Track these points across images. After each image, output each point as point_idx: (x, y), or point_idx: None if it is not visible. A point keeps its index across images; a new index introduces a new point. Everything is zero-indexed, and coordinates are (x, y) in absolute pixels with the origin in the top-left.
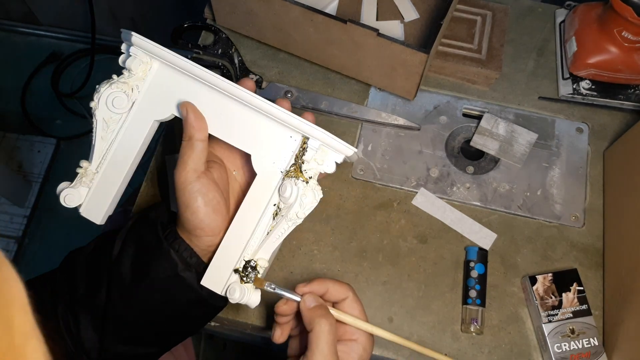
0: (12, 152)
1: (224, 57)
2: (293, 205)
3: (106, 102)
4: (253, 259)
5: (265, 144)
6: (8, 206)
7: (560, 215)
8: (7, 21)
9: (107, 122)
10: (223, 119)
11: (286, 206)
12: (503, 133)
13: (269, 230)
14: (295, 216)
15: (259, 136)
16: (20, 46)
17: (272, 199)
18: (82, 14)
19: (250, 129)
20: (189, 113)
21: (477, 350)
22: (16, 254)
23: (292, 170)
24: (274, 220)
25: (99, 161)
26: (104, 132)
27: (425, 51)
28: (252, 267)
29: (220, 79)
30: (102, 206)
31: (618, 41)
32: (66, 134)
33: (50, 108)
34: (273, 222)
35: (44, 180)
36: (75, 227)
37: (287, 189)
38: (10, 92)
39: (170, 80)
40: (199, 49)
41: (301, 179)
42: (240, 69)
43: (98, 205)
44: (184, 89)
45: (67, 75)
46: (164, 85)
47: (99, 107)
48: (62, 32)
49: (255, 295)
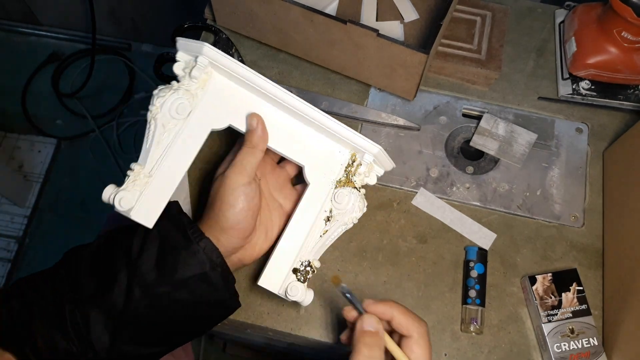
0: (13, 152)
1: None
2: (348, 211)
3: (169, 107)
4: (309, 260)
5: (317, 156)
6: (9, 206)
7: (559, 215)
8: (8, 21)
9: (165, 127)
10: (280, 131)
11: (341, 212)
12: (503, 133)
13: (321, 233)
14: (351, 220)
15: (311, 149)
16: (20, 46)
17: (324, 206)
18: (82, 14)
19: (304, 142)
20: (258, 124)
21: (477, 350)
22: (17, 253)
23: (343, 181)
24: (326, 225)
25: (153, 165)
26: (161, 137)
27: (425, 51)
28: (309, 267)
29: (284, 91)
30: (154, 210)
31: (617, 41)
32: (66, 134)
33: (50, 108)
34: (325, 227)
35: (44, 180)
36: (75, 227)
37: (344, 197)
38: (10, 92)
39: (230, 91)
40: None
41: (354, 188)
42: None
43: (150, 209)
44: (243, 101)
45: (67, 76)
46: (224, 95)
47: (160, 111)
48: (63, 32)
49: (310, 294)
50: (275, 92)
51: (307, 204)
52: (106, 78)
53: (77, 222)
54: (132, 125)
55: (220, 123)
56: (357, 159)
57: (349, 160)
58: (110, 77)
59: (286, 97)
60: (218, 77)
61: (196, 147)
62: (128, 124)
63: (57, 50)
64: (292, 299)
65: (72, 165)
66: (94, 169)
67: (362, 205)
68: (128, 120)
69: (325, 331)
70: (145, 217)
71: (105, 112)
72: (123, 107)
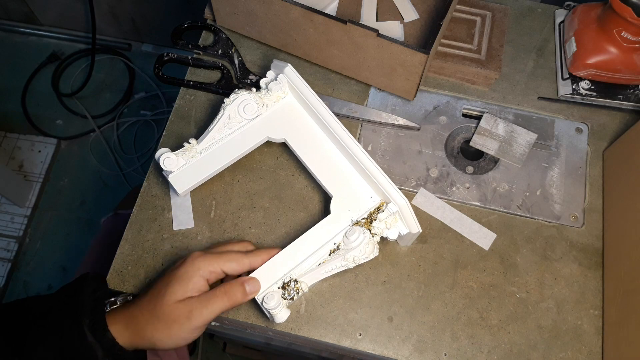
0: (13, 152)
1: (224, 57)
2: (353, 249)
3: (239, 104)
4: (298, 280)
5: (348, 192)
6: (9, 206)
7: (559, 215)
8: (8, 21)
9: (230, 119)
10: (324, 159)
11: (346, 248)
12: (502, 133)
13: (321, 262)
14: (352, 260)
15: (346, 184)
16: (20, 46)
17: (335, 238)
18: (82, 14)
19: (342, 175)
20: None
21: (476, 350)
22: (17, 253)
23: (363, 222)
24: (329, 256)
25: (207, 146)
26: (224, 126)
27: (425, 51)
28: (294, 286)
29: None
30: (189, 182)
31: (617, 41)
32: (66, 134)
33: (50, 108)
34: (328, 258)
35: (44, 180)
36: (75, 227)
37: (354, 234)
38: (10, 92)
39: (296, 112)
40: (198, 49)
41: (369, 231)
42: (241, 70)
43: (186, 180)
44: (304, 124)
45: (67, 76)
46: (289, 113)
47: (231, 104)
48: (63, 32)
49: (285, 313)
50: (334, 125)
51: (320, 230)
52: (106, 78)
53: (77, 222)
54: (132, 125)
55: (278, 135)
56: (383, 208)
57: (376, 207)
58: (110, 77)
59: (341, 132)
60: (291, 97)
61: (247, 147)
62: (128, 124)
63: (57, 50)
64: (265, 307)
65: (72, 165)
66: (94, 169)
67: (369, 250)
68: (128, 120)
69: (325, 331)
70: (180, 185)
71: (105, 112)
72: (123, 107)
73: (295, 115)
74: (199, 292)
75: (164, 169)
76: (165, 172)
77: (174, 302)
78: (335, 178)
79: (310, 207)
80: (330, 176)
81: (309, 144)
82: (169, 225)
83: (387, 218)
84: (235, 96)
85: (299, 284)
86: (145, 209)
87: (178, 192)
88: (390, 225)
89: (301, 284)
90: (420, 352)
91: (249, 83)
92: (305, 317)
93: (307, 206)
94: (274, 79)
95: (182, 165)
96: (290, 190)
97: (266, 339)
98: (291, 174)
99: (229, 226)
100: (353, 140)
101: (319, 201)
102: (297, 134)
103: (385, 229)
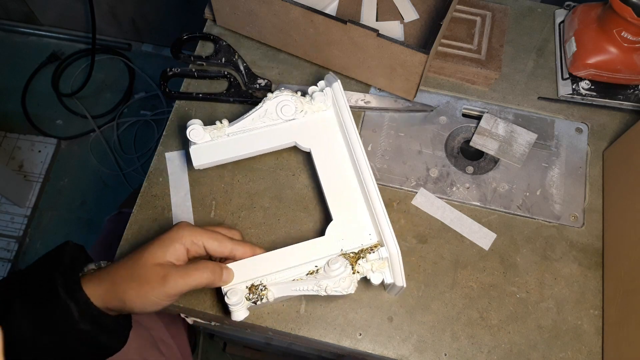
0: (13, 152)
1: (228, 65)
2: (330, 279)
3: (279, 102)
4: (267, 287)
5: (348, 222)
6: (9, 206)
7: (559, 215)
8: (8, 21)
9: (265, 113)
10: (339, 181)
11: (324, 275)
12: (502, 133)
13: (294, 278)
14: (324, 288)
15: (350, 213)
16: (20, 46)
17: (318, 261)
18: (82, 14)
19: (349, 203)
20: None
21: (476, 350)
22: (17, 253)
23: (350, 255)
24: (305, 276)
25: (236, 131)
26: (258, 117)
27: (425, 51)
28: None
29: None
30: (206, 158)
31: (617, 41)
32: (66, 134)
33: (50, 108)
34: (303, 277)
35: (44, 180)
36: (75, 227)
37: (337, 264)
38: (10, 92)
39: (330, 128)
40: (201, 60)
41: (353, 266)
42: (247, 75)
43: (205, 156)
44: (333, 141)
45: (67, 76)
46: (323, 127)
47: (271, 101)
48: (63, 32)
49: (244, 313)
50: (359, 155)
51: (308, 248)
52: (106, 78)
53: (77, 222)
54: (132, 125)
55: (305, 144)
56: (375, 249)
57: (369, 246)
58: (110, 77)
59: (363, 164)
60: (331, 113)
61: (273, 145)
62: (128, 124)
63: (57, 50)
64: (227, 301)
65: (72, 165)
66: (94, 169)
67: (345, 285)
68: (128, 120)
69: (325, 331)
70: (198, 158)
71: (105, 112)
72: (123, 107)
73: (328, 131)
74: (177, 259)
75: (189, 138)
76: (190, 142)
77: (152, 264)
78: (342, 203)
79: (310, 207)
80: (338, 200)
81: (331, 163)
82: (169, 225)
83: (376, 261)
84: (279, 93)
85: (266, 292)
86: (145, 209)
87: (194, 164)
88: (376, 269)
89: (268, 293)
90: (420, 352)
91: (259, 87)
92: (305, 317)
93: (307, 206)
94: (321, 90)
95: (206, 140)
96: (290, 190)
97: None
98: (291, 174)
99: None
100: (371, 176)
101: (319, 202)
102: (324, 150)
103: (370, 270)
